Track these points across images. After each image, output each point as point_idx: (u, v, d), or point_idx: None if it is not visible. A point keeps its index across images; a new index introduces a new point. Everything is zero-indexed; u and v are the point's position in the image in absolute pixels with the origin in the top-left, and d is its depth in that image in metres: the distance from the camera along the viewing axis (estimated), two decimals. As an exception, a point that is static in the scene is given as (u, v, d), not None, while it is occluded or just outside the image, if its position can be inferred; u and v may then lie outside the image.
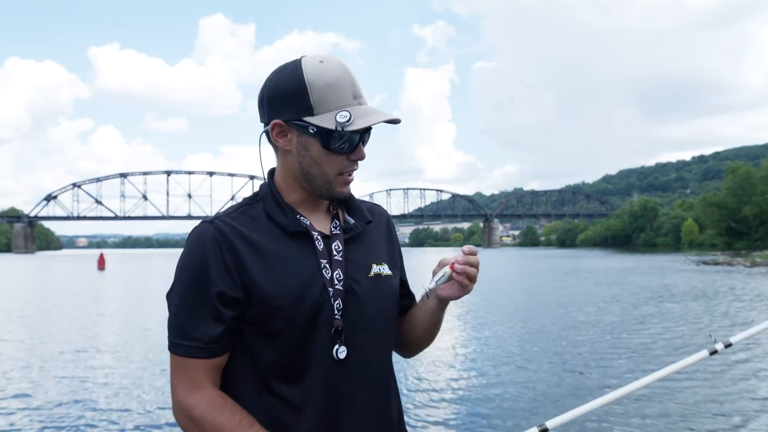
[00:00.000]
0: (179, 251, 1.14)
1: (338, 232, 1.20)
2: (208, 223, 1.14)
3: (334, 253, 1.17)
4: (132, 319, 13.44)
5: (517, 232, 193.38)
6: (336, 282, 1.14)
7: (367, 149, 1.18)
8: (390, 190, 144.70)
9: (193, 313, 1.09)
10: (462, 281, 1.18)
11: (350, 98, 1.13)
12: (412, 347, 1.35)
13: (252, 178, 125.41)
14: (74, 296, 19.73)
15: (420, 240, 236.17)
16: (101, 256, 41.59)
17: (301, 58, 1.15)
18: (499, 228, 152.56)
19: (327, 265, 1.14)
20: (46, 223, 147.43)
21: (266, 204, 1.18)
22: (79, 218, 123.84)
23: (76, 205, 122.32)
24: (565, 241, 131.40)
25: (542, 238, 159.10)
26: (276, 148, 1.18)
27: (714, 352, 1.41)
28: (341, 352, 1.12)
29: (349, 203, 1.26)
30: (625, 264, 37.78)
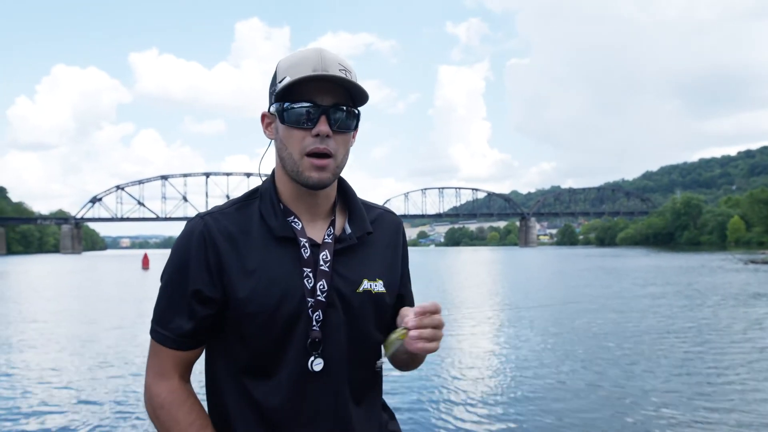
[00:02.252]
0: None
1: (329, 241, 1.14)
2: (200, 218, 1.13)
3: (321, 263, 1.11)
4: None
5: (554, 231, 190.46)
6: (318, 293, 1.09)
7: (400, 149, 1.32)
8: (425, 189, 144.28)
9: (170, 304, 1.11)
10: (418, 348, 1.05)
11: (308, 71, 1.06)
12: (395, 366, 1.27)
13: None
14: (127, 295, 20.36)
15: (455, 239, 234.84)
16: (145, 256, 42.75)
17: None
18: (536, 227, 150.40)
19: (310, 275, 1.10)
20: (92, 225, 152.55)
21: (262, 202, 1.14)
22: (122, 219, 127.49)
23: (120, 207, 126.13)
24: (605, 239, 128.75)
25: (581, 237, 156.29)
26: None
27: None
28: (317, 364, 1.09)
29: (352, 209, 1.20)
30: (671, 263, 36.70)
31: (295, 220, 1.13)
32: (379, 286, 1.16)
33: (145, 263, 40.76)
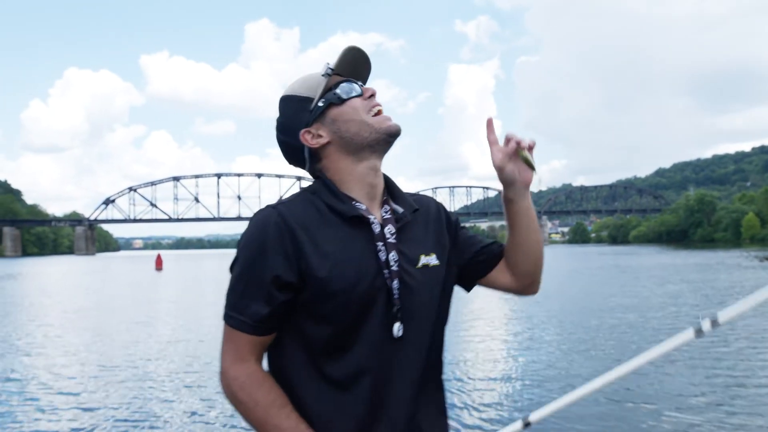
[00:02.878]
0: (231, 252, 1.17)
1: (389, 216, 1.25)
2: (271, 208, 1.19)
3: (388, 236, 1.21)
4: (195, 316, 13.89)
5: (566, 229, 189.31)
6: (392, 263, 1.19)
7: (410, 148, 1.44)
8: (435, 188, 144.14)
9: (246, 291, 1.15)
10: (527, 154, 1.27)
11: (324, 69, 1.26)
12: (531, 269, 1.37)
13: (299, 179, 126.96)
14: (142, 295, 20.50)
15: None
16: (159, 257, 43.03)
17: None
18: (548, 225, 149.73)
19: (383, 248, 1.19)
20: (105, 226, 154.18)
21: (323, 194, 1.22)
22: (135, 221, 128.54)
23: (133, 208, 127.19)
24: (617, 237, 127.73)
25: (593, 235, 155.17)
26: (317, 161, 1.27)
27: (700, 332, 1.33)
28: (398, 330, 1.17)
29: (394, 194, 1.31)
30: (687, 261, 36.26)
31: (358, 203, 1.23)
32: (433, 260, 1.26)
33: (159, 264, 41.03)
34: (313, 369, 1.16)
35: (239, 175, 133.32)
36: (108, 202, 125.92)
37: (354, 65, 1.28)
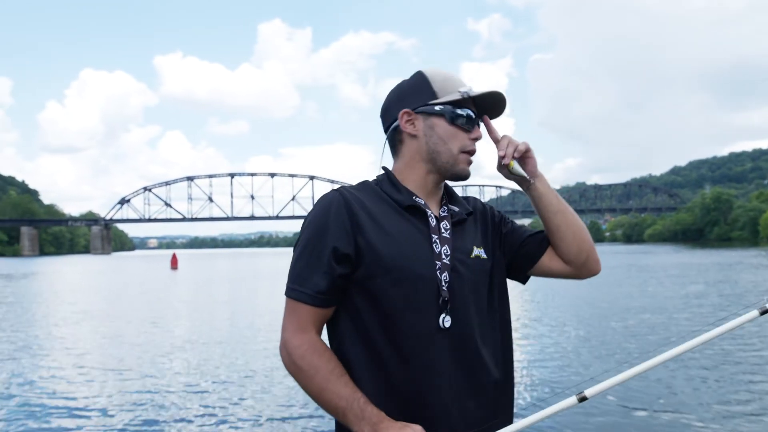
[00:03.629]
0: (244, 251, 1.88)
1: (446, 214, 1.34)
2: (336, 191, 1.28)
3: (443, 231, 1.30)
4: (214, 316, 14.03)
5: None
6: (444, 257, 1.26)
7: None
8: (455, 185, 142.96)
9: (308, 264, 1.23)
10: (525, 157, 1.36)
11: (463, 86, 1.34)
12: (574, 250, 1.38)
13: (312, 178, 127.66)
14: (160, 294, 20.72)
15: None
16: (174, 257, 43.44)
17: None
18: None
19: (437, 241, 1.27)
20: (120, 225, 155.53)
21: (383, 185, 1.32)
22: (150, 220, 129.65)
23: (147, 208, 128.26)
24: (632, 236, 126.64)
25: (607, 234, 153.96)
26: (397, 142, 1.35)
27: (765, 311, 1.31)
28: (446, 321, 1.23)
29: (452, 196, 1.41)
30: (704, 260, 35.88)
31: (417, 197, 1.32)
32: (482, 253, 1.34)
33: (174, 263, 41.41)
34: (365, 348, 1.23)
35: (252, 174, 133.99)
36: (123, 201, 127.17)
37: (488, 105, 1.37)
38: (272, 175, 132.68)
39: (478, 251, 1.33)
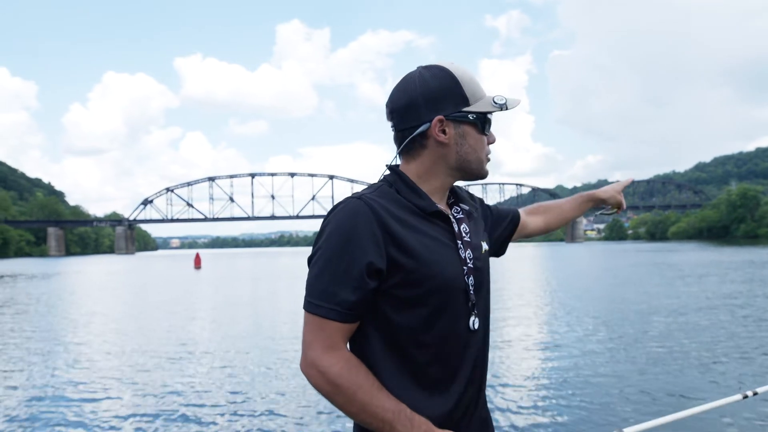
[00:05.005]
0: (264, 251, 2.02)
1: (462, 216, 1.34)
2: (356, 199, 1.21)
3: (464, 234, 1.30)
4: (243, 314, 14.20)
5: (602, 226, 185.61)
6: (468, 261, 1.27)
7: None
8: (468, 185, 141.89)
9: (336, 278, 1.15)
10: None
11: (484, 92, 1.31)
12: (556, 227, 1.76)
13: (331, 178, 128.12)
14: (188, 293, 20.99)
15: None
16: (197, 256, 43.95)
17: (430, 65, 1.31)
18: (583, 221, 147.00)
19: (461, 245, 1.27)
20: (144, 226, 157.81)
21: (402, 189, 1.26)
22: (172, 221, 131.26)
23: (170, 209, 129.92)
24: (655, 234, 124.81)
25: (630, 232, 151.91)
26: (419, 145, 1.28)
27: None
28: (476, 323, 1.26)
29: (457, 194, 1.40)
30: (732, 257, 35.06)
31: (438, 203, 1.30)
32: (486, 245, 1.38)
33: (197, 263, 41.92)
34: (395, 357, 1.20)
35: (272, 174, 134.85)
36: (146, 202, 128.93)
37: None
38: (292, 174, 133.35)
39: (485, 245, 1.37)
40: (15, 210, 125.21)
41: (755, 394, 1.54)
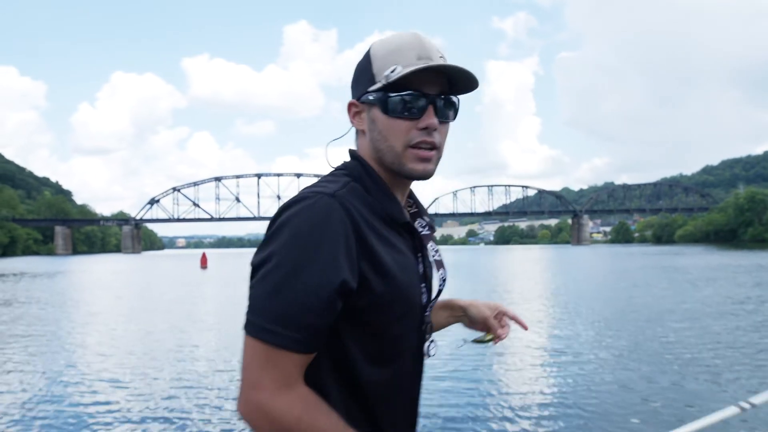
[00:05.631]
0: None
1: (428, 232, 1.16)
2: (329, 196, 0.96)
3: (432, 252, 1.14)
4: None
5: (608, 229, 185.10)
6: (429, 281, 1.13)
7: (447, 147, 1.10)
8: (474, 187, 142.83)
9: (299, 298, 0.91)
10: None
11: (413, 59, 1.02)
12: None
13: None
14: (195, 292, 21.07)
15: (505, 237, 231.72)
16: (203, 256, 44.03)
17: None
18: (589, 224, 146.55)
19: (421, 261, 1.10)
20: (150, 225, 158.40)
21: (372, 189, 1.05)
22: (178, 220, 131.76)
23: (176, 208, 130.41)
24: (662, 237, 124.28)
25: (636, 235, 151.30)
26: (358, 132, 1.13)
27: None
28: (432, 348, 1.12)
29: (417, 200, 1.20)
30: (740, 261, 34.85)
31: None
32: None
33: (204, 263, 41.99)
34: (349, 383, 1.01)
35: (279, 175, 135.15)
36: (153, 202, 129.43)
37: (458, 80, 1.07)
38: (298, 175, 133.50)
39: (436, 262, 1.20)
40: (23, 208, 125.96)
41: (752, 406, 1.49)
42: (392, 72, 1.01)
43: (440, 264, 1.14)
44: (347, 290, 0.93)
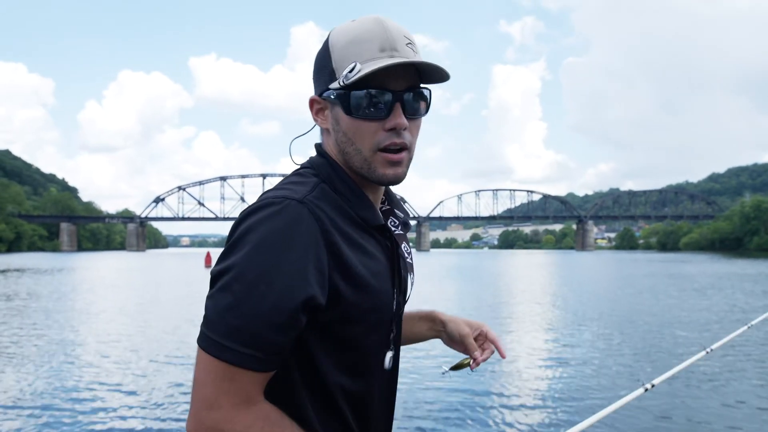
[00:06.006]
0: None
1: (401, 232, 1.07)
2: (297, 202, 0.89)
3: (406, 255, 1.06)
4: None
5: (613, 235, 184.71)
6: (410, 287, 1.07)
7: (453, 150, 1.16)
8: (479, 191, 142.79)
9: (260, 313, 0.84)
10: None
11: (375, 51, 0.92)
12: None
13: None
14: (197, 291, 21.12)
15: (509, 242, 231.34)
16: (208, 255, 44.07)
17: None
18: (594, 230, 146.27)
19: (403, 267, 1.04)
20: (155, 223, 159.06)
21: (339, 189, 0.97)
22: (183, 219, 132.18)
23: (181, 207, 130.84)
24: (667, 244, 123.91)
25: (641, 241, 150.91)
26: (323, 130, 1.04)
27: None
28: (389, 361, 1.03)
29: (392, 197, 1.11)
30: (746, 270, 34.67)
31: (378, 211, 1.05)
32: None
33: (208, 262, 41.99)
34: (321, 396, 0.95)
35: (283, 175, 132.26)
36: (158, 200, 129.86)
37: (428, 73, 0.98)
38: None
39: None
40: (29, 204, 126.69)
41: (653, 386, 1.47)
42: (350, 72, 0.92)
43: (411, 268, 1.06)
44: (314, 306, 0.87)
